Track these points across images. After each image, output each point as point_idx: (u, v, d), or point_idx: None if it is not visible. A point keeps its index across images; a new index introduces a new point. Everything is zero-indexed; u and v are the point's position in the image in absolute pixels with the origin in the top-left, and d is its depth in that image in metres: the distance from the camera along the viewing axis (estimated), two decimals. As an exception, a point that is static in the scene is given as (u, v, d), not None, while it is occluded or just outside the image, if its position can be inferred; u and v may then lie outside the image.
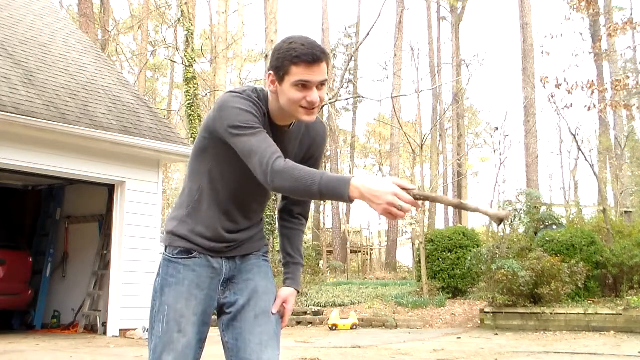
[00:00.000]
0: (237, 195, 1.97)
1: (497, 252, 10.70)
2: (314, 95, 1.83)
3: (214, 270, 2.01)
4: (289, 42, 1.84)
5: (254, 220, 2.08)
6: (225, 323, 2.04)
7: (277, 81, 1.85)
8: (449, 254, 12.46)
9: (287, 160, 1.76)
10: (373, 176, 1.99)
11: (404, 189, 1.60)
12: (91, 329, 9.27)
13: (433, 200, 1.70)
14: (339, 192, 1.66)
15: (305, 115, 1.87)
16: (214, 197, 1.98)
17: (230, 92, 1.89)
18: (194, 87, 18.20)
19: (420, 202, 1.61)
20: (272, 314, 2.04)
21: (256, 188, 1.91)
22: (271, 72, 1.87)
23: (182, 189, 2.07)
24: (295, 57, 1.79)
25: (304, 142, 2.05)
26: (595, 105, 12.26)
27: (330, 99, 21.36)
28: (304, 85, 1.82)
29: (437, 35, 32.39)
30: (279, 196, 2.17)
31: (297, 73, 1.80)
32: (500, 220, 1.62)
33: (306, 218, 2.18)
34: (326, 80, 1.86)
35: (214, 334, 2.04)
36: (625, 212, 14.78)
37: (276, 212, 2.18)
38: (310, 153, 2.08)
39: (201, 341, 2.01)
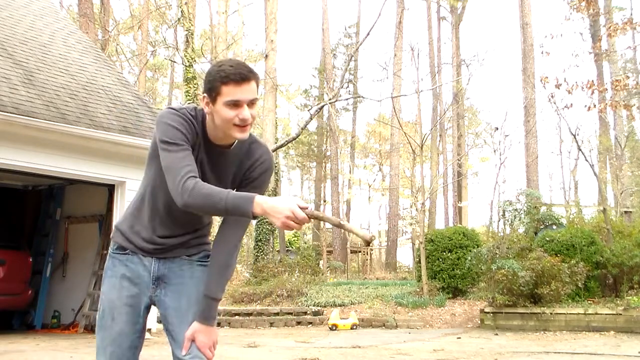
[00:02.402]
0: (171, 205, 2.01)
1: (497, 252, 10.70)
2: (245, 112, 1.93)
3: (145, 268, 2.12)
4: (218, 65, 1.96)
5: (189, 229, 2.15)
6: (163, 322, 2.15)
7: (211, 102, 1.96)
8: (449, 254, 12.46)
9: (198, 180, 1.87)
10: (273, 197, 2.06)
11: (300, 207, 1.76)
12: (91, 329, 9.26)
13: (321, 219, 1.90)
14: (243, 209, 1.79)
15: (238, 133, 1.97)
16: (153, 202, 2.09)
17: (169, 108, 2.01)
18: (194, 87, 18.22)
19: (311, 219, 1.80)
20: (183, 354, 2.05)
21: None
22: (205, 94, 1.97)
23: None
24: (225, 77, 1.91)
25: (244, 164, 2.11)
26: (595, 105, 12.25)
27: (330, 99, 21.35)
28: (235, 104, 1.92)
29: (437, 35, 32.39)
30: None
31: (228, 93, 1.91)
32: (367, 243, 1.83)
33: (238, 243, 2.16)
34: (256, 98, 1.97)
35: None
36: (625, 212, 14.78)
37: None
38: (247, 176, 2.12)
39: (138, 331, 2.13)
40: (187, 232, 2.14)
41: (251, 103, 1.95)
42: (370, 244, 1.95)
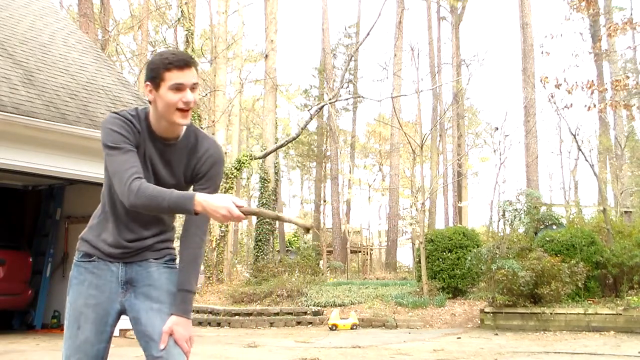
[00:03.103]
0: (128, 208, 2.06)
1: (497, 252, 10.70)
2: (188, 95, 2.04)
3: (113, 274, 2.16)
4: (159, 55, 2.09)
5: (154, 230, 2.19)
6: (133, 326, 2.15)
7: (154, 89, 2.06)
8: (449, 254, 12.46)
9: (143, 180, 1.96)
10: (213, 195, 2.14)
11: (236, 205, 1.88)
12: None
13: (257, 214, 2.03)
14: (185, 207, 1.90)
15: (180, 118, 2.06)
16: (114, 208, 2.15)
17: (111, 113, 2.10)
18: (194, 87, 18.22)
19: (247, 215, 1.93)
20: (160, 350, 2.07)
21: None
22: (148, 82, 2.08)
23: None
24: (168, 63, 2.03)
25: (192, 158, 2.18)
26: (595, 105, 12.24)
27: (330, 99, 21.35)
28: (178, 88, 2.03)
29: (437, 35, 32.39)
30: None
31: (171, 77, 2.02)
32: (307, 230, 1.96)
33: (203, 237, 2.22)
34: (197, 83, 2.08)
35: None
36: (625, 212, 14.78)
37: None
38: (198, 170, 2.18)
39: (104, 340, 2.14)
40: (152, 235, 2.19)
41: (193, 87, 2.06)
42: (311, 231, 2.03)
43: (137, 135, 2.08)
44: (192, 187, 2.23)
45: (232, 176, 18.63)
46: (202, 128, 18.51)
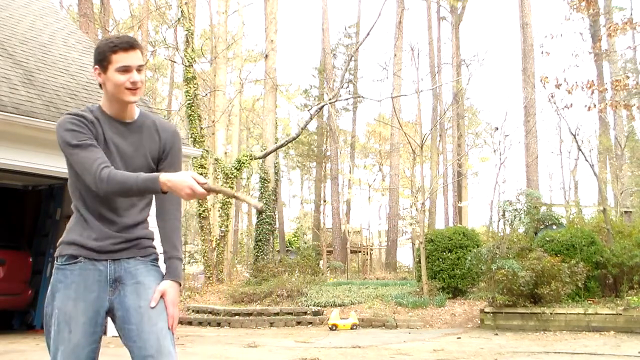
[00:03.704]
0: (97, 198, 2.15)
1: (497, 252, 10.69)
2: (135, 76, 2.14)
3: (100, 273, 2.17)
4: (105, 39, 2.20)
5: (132, 216, 2.24)
6: (121, 325, 2.16)
7: (102, 72, 2.15)
8: (449, 254, 12.46)
9: (110, 168, 2.04)
10: (177, 173, 2.21)
11: (198, 182, 1.97)
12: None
13: (217, 191, 2.09)
14: (153, 188, 2.00)
15: (130, 96, 2.16)
16: (84, 204, 2.20)
17: (63, 115, 2.17)
18: (194, 87, 18.20)
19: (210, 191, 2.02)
20: (151, 307, 2.14)
21: None
22: (96, 66, 2.17)
23: None
24: (114, 46, 2.12)
25: (152, 136, 2.28)
26: (595, 105, 12.24)
27: (330, 99, 21.35)
28: (125, 69, 2.13)
29: (437, 35, 32.39)
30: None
31: (117, 60, 2.12)
32: (258, 210, 2.04)
33: (178, 210, 2.35)
34: (143, 65, 2.18)
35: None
36: (625, 212, 14.78)
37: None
38: (161, 147, 2.29)
39: (95, 341, 2.15)
40: (134, 224, 2.23)
41: (139, 69, 2.15)
42: (261, 210, 2.16)
43: (93, 125, 2.15)
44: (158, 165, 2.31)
45: (232, 176, 18.62)
46: (201, 128, 18.52)
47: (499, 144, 20.39)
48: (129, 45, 2.14)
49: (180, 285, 2.23)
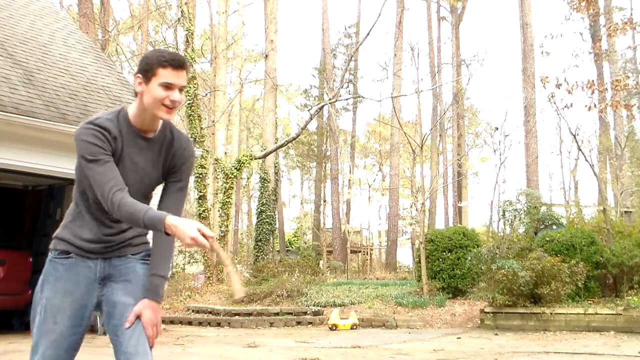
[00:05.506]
0: (99, 203, 2.16)
1: (497, 252, 10.69)
2: (176, 95, 2.13)
3: (90, 269, 2.23)
4: (157, 51, 2.18)
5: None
6: (106, 320, 2.22)
7: (144, 82, 2.14)
8: (449, 254, 12.45)
9: (124, 194, 2.05)
10: (184, 220, 2.17)
11: (204, 235, 1.97)
12: (91, 329, 9.25)
13: (216, 252, 2.13)
14: (158, 228, 2.01)
15: (165, 113, 2.15)
16: (86, 205, 2.23)
17: (86, 123, 2.14)
18: (194, 87, 18.19)
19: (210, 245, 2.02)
20: (126, 328, 2.14)
21: None
22: (139, 74, 2.16)
23: None
24: (164, 61, 2.12)
25: (169, 151, 2.29)
26: (595, 105, 12.23)
27: (330, 99, 21.34)
28: (168, 86, 2.12)
29: (437, 35, 32.39)
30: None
31: (164, 75, 2.11)
32: (234, 299, 2.01)
33: None
34: (185, 87, 2.19)
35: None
36: (625, 212, 14.78)
37: None
38: (173, 163, 2.30)
39: (78, 333, 2.21)
40: (129, 227, 2.25)
41: (181, 89, 2.15)
42: (239, 300, 2.18)
43: (115, 139, 2.15)
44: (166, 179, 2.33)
45: (232, 176, 18.61)
46: (201, 128, 18.52)
47: (499, 144, 20.37)
48: (180, 64, 2.13)
49: (160, 303, 2.23)
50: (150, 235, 2.31)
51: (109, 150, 2.12)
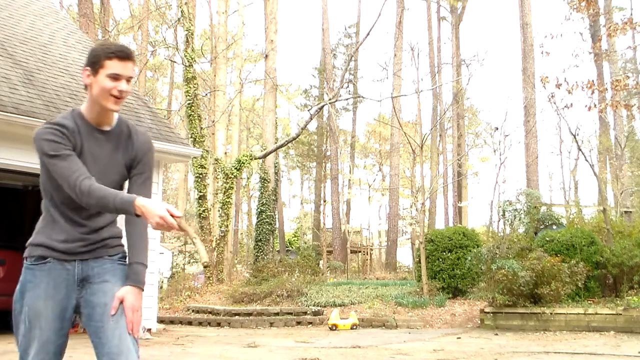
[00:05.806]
0: (68, 202, 2.20)
1: (497, 252, 10.69)
2: (123, 85, 2.19)
3: (68, 272, 2.24)
4: (103, 44, 2.24)
5: (101, 219, 2.29)
6: (86, 322, 2.24)
7: (92, 74, 2.19)
8: (449, 254, 12.45)
9: (91, 182, 2.09)
10: (152, 200, 2.21)
11: (172, 215, 2.00)
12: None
13: (184, 230, 2.14)
14: (128, 210, 2.05)
15: (112, 104, 2.20)
16: (54, 206, 2.25)
17: (43, 124, 2.19)
18: (194, 87, 18.20)
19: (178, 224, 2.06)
20: (112, 315, 2.19)
21: None
22: (88, 67, 2.21)
23: None
24: (110, 53, 2.17)
25: (127, 145, 2.32)
26: (595, 105, 12.23)
27: (330, 99, 21.34)
28: (115, 77, 2.18)
29: (437, 35, 32.39)
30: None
31: (111, 66, 2.17)
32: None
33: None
34: (132, 77, 2.22)
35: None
36: (625, 212, 14.78)
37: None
38: (134, 156, 2.34)
39: (63, 336, 2.25)
40: (103, 225, 2.28)
41: (128, 79, 2.21)
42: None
43: (73, 135, 2.19)
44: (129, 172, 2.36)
45: (232, 176, 18.61)
46: (201, 128, 18.52)
47: (499, 144, 20.37)
48: (125, 55, 2.19)
49: (142, 290, 2.26)
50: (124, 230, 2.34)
51: (69, 145, 2.16)
